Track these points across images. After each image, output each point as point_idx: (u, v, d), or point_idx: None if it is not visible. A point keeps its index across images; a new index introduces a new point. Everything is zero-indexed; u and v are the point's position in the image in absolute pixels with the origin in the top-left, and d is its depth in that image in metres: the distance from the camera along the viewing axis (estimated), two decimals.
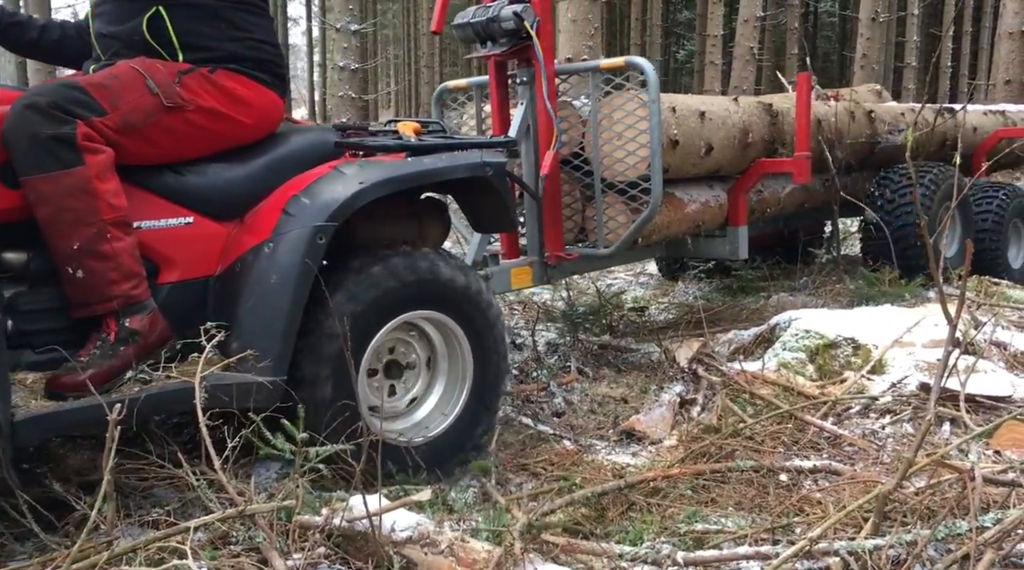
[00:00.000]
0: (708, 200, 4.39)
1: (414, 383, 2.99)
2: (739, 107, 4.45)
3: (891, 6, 22.49)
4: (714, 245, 4.64)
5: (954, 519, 2.24)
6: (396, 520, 2.20)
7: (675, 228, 4.22)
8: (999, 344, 3.91)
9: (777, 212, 5.05)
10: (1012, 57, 12.68)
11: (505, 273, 3.81)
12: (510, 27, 3.65)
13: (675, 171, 4.06)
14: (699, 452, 3.06)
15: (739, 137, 4.35)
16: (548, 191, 3.83)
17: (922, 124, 5.77)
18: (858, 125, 5.30)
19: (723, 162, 4.34)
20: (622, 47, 29.71)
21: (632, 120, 3.79)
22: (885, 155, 5.56)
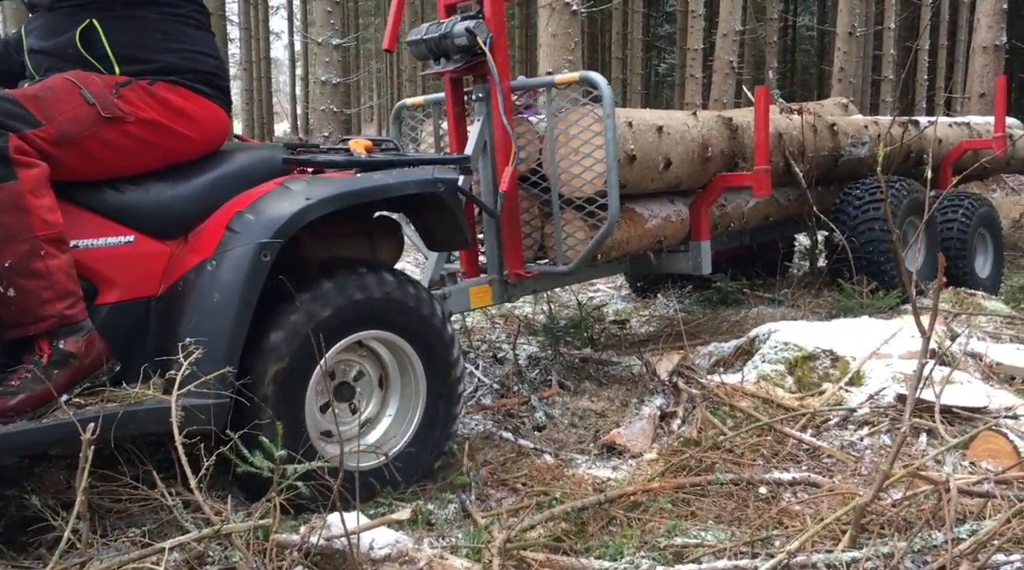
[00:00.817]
0: (669, 215, 4.36)
1: (365, 406, 2.94)
2: (698, 121, 4.41)
3: (868, 20, 22.80)
4: (677, 260, 4.61)
5: (930, 531, 2.26)
6: (375, 538, 2.19)
7: (636, 244, 4.18)
8: (974, 355, 3.94)
9: (741, 226, 5.03)
10: (986, 70, 12.86)
11: (463, 292, 3.76)
12: (463, 43, 3.63)
13: (633, 186, 4.04)
14: (679, 465, 3.06)
15: (698, 151, 4.31)
16: (506, 208, 3.78)
17: (887, 137, 5.78)
18: (821, 138, 5.27)
19: (683, 177, 4.31)
20: (603, 61, 29.87)
21: (588, 135, 3.75)
22: (849, 168, 5.56)
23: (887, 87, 21.93)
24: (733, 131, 4.61)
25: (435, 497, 2.91)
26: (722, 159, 4.49)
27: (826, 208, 5.41)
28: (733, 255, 6.13)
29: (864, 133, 5.62)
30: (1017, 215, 9.00)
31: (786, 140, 4.91)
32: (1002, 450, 2.93)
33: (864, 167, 5.59)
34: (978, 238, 6.05)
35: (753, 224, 5.11)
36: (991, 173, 7.83)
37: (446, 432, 3.01)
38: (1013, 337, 4.46)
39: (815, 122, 5.27)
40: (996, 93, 6.66)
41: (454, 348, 2.99)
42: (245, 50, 30.12)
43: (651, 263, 4.60)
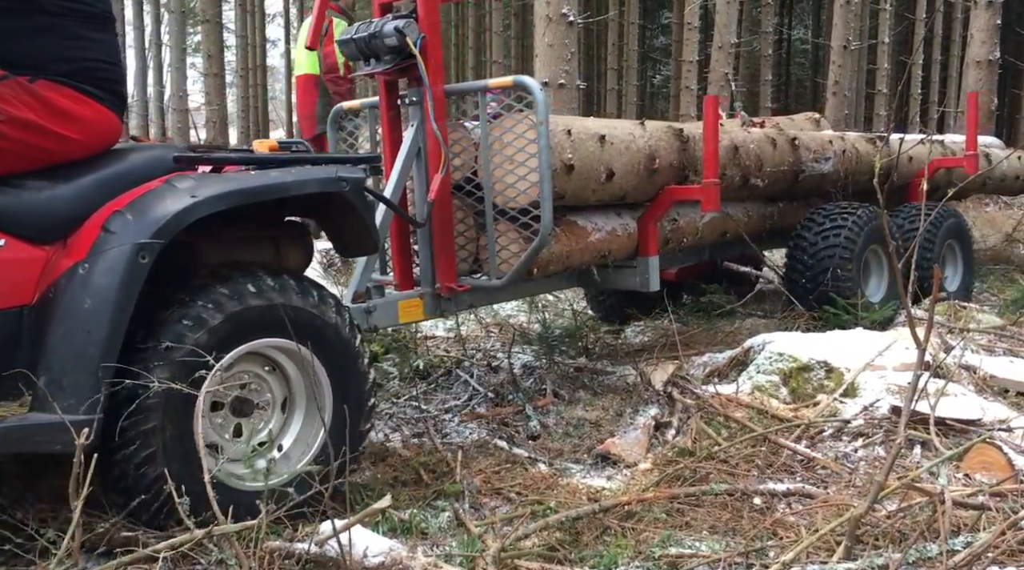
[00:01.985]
0: (615, 228, 4.15)
1: (267, 423, 2.75)
2: (645, 131, 4.19)
3: (862, 34, 22.95)
4: (624, 276, 4.39)
5: (925, 542, 2.26)
6: (368, 545, 2.18)
7: (578, 257, 3.97)
8: (969, 367, 3.95)
9: (696, 242, 4.79)
10: (979, 85, 12.92)
11: (392, 305, 3.57)
12: (392, 44, 3.47)
13: (573, 197, 3.85)
14: (673, 475, 3.06)
15: (645, 163, 4.09)
16: (438, 218, 3.62)
17: (851, 154, 5.59)
18: (780, 153, 5.02)
19: (628, 189, 4.08)
20: (599, 72, 29.99)
21: (522, 143, 3.57)
22: (812, 184, 5.37)
23: (881, 101, 22.05)
24: (684, 142, 4.38)
25: (429, 505, 2.90)
26: (671, 171, 4.28)
27: (791, 225, 5.29)
28: (699, 272, 5.94)
29: (828, 148, 5.40)
30: (1010, 229, 9.04)
31: (742, 153, 4.67)
32: (996, 462, 2.93)
33: (828, 183, 5.42)
34: (947, 250, 5.93)
35: (709, 240, 4.89)
36: (965, 195, 7.52)
37: (354, 448, 2.78)
38: (1007, 350, 4.47)
39: (775, 136, 5.06)
40: (968, 109, 6.38)
41: (362, 360, 2.84)
42: (241, 58, 30.13)
43: (595, 279, 4.39)
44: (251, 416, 2.70)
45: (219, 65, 21.03)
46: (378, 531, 2.52)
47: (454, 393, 4.31)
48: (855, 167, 5.60)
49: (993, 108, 13.25)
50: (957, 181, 6.23)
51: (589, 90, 28.36)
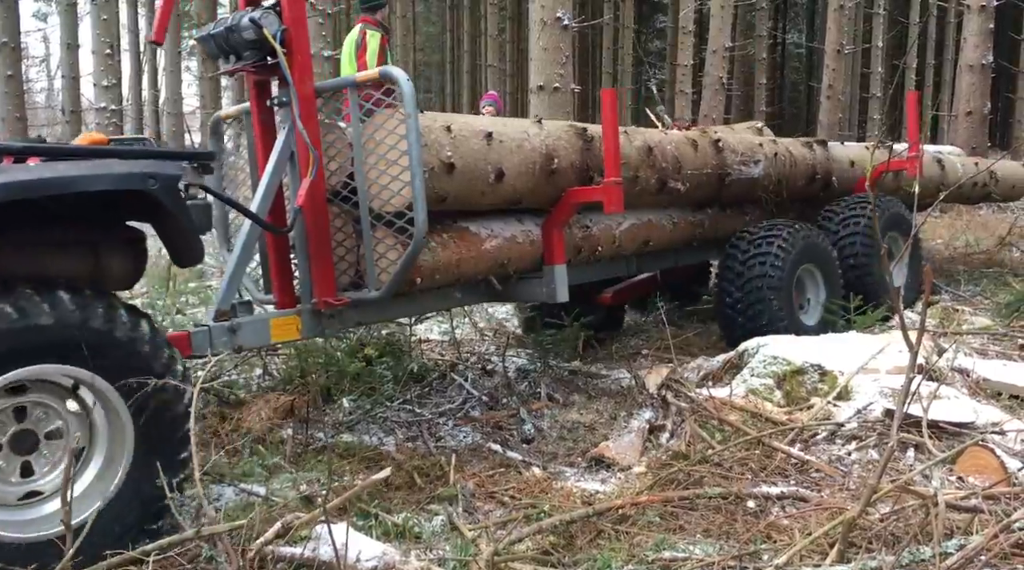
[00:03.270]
0: (515, 235, 3.83)
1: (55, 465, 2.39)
2: (543, 130, 3.87)
3: (856, 38, 23.03)
4: (531, 287, 4.04)
5: (918, 545, 2.26)
6: (362, 550, 2.18)
7: (470, 267, 3.62)
8: (962, 371, 3.96)
9: (614, 251, 4.41)
10: (973, 89, 12.99)
11: (262, 324, 3.21)
12: (251, 37, 3.17)
13: (459, 200, 3.53)
14: (668, 479, 3.06)
15: (541, 163, 3.76)
16: (313, 226, 3.30)
17: (784, 158, 5.27)
18: (702, 155, 4.68)
19: (523, 191, 3.76)
20: (594, 76, 30.03)
21: (394, 140, 3.27)
22: (740, 189, 5.02)
23: (875, 104, 22.12)
24: (588, 142, 4.04)
25: (423, 509, 2.89)
26: (573, 172, 3.94)
27: (725, 233, 5.05)
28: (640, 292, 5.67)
29: (757, 152, 5.06)
30: (1003, 233, 9.07)
31: (658, 154, 4.33)
32: (989, 465, 2.94)
33: (760, 188, 5.11)
34: (888, 243, 5.66)
35: (630, 248, 4.51)
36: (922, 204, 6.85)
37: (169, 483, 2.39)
38: (999, 353, 4.48)
39: (697, 137, 4.77)
40: (908, 109, 6.05)
41: (181, 402, 2.49)
42: None
43: (494, 290, 4.00)
44: (41, 453, 2.36)
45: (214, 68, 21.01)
46: (372, 535, 2.51)
47: (448, 396, 4.30)
48: (790, 171, 5.31)
49: (986, 112, 13.30)
50: (908, 188, 6.16)
51: (584, 94, 28.39)
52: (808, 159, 5.46)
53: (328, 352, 4.41)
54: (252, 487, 2.97)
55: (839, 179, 5.71)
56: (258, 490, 2.94)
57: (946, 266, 7.55)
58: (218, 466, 3.10)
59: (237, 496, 2.92)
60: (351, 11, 26.60)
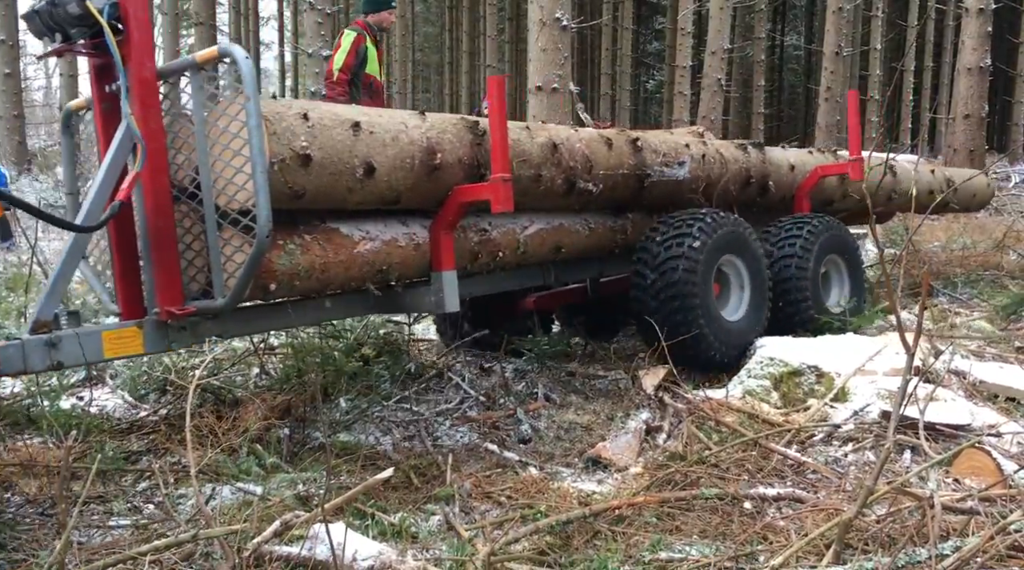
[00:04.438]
0: (396, 238, 3.49)
1: None
2: (425, 122, 3.52)
3: (854, 41, 23.06)
4: (419, 296, 3.68)
5: (914, 547, 2.26)
6: (358, 549, 2.18)
7: (339, 273, 3.28)
8: (958, 373, 3.97)
9: (519, 257, 4.03)
10: (970, 92, 13.02)
11: (91, 338, 2.88)
12: (75, 12, 2.85)
13: (320, 197, 3.18)
14: (664, 480, 3.06)
15: (421, 158, 3.41)
16: (154, 227, 2.97)
17: (714, 160, 4.90)
18: (618, 154, 4.31)
19: (401, 189, 3.41)
20: (593, 77, 30.06)
21: (237, 128, 2.95)
22: (663, 191, 4.63)
23: (873, 107, 22.16)
24: (479, 136, 3.67)
25: (419, 509, 2.89)
26: (462, 169, 3.58)
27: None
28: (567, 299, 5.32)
29: (683, 153, 4.71)
30: (1000, 235, 9.09)
31: (564, 152, 3.98)
32: (985, 467, 2.94)
33: (687, 191, 4.74)
34: (831, 266, 5.25)
35: (539, 255, 4.13)
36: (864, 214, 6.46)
37: None
38: (996, 356, 4.49)
39: (612, 135, 4.39)
40: (848, 110, 5.67)
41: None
42: None
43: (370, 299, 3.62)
44: None
45: None
46: (368, 535, 2.51)
47: (445, 396, 4.30)
48: (721, 174, 4.94)
49: (984, 115, 13.34)
50: (856, 195, 5.95)
51: (583, 95, 28.41)
52: (742, 162, 5.10)
53: (325, 351, 4.41)
54: (249, 486, 2.97)
55: (777, 183, 5.39)
56: (255, 489, 2.93)
57: (943, 269, 7.57)
58: (215, 465, 3.10)
59: (234, 495, 2.92)
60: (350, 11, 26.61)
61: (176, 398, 4.08)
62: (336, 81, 6.49)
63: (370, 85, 6.60)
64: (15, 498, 2.82)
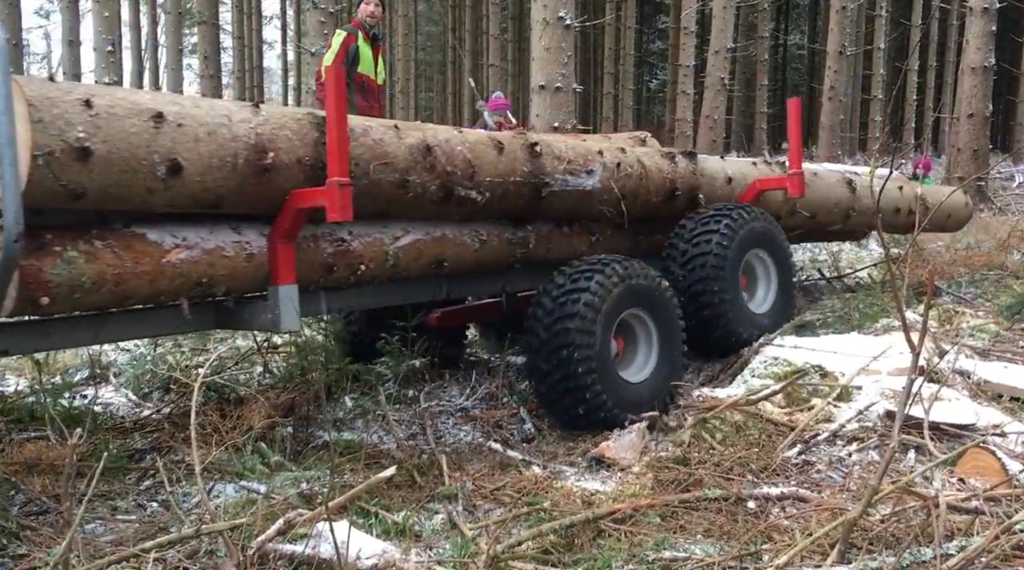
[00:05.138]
0: (223, 247, 3.04)
1: None
2: (257, 116, 3.06)
3: (858, 40, 23.05)
4: (255, 312, 3.26)
5: (919, 547, 2.26)
6: (362, 547, 2.18)
7: (142, 285, 2.85)
8: (963, 372, 3.96)
9: (389, 271, 3.55)
10: (975, 91, 13.00)
11: None
12: None
13: (108, 198, 2.74)
14: (668, 479, 3.06)
15: (247, 156, 2.95)
16: None
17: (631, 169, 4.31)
18: (510, 160, 3.78)
19: (221, 191, 2.94)
20: (596, 76, 30.05)
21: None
22: (564, 202, 4.07)
23: (876, 106, 22.14)
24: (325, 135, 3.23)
25: (423, 508, 2.89)
26: (301, 171, 3.13)
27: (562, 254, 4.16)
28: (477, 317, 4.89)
29: (593, 161, 4.16)
30: (1004, 235, 9.08)
31: (440, 156, 3.51)
32: (990, 467, 2.94)
33: (598, 203, 4.19)
34: (756, 262, 4.76)
35: (415, 268, 3.64)
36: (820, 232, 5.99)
37: None
38: (1001, 355, 4.48)
39: (505, 139, 3.87)
40: (789, 119, 5.15)
41: None
42: (238, 59, 30.13)
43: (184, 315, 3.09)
44: None
45: (215, 66, 21.05)
46: (372, 533, 2.51)
47: (449, 395, 4.31)
48: (640, 185, 4.39)
49: (988, 115, 13.32)
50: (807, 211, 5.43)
51: (586, 94, 28.43)
52: (666, 172, 4.57)
53: (329, 349, 4.42)
54: (253, 484, 2.97)
55: (709, 197, 4.86)
56: (259, 487, 2.94)
57: (947, 268, 7.55)
58: (219, 463, 3.10)
59: (238, 493, 2.92)
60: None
61: (180, 396, 4.09)
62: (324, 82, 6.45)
63: (362, 84, 6.51)
64: (20, 496, 2.83)
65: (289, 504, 2.67)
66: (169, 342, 4.88)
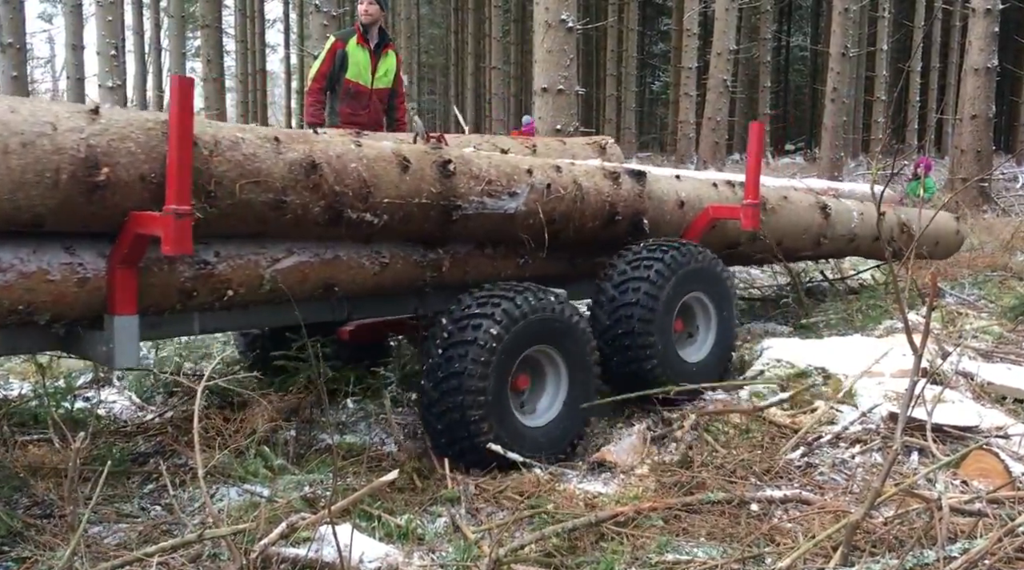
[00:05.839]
0: (47, 270, 2.67)
1: None
2: (93, 124, 2.64)
3: (861, 41, 23.04)
4: (92, 342, 2.89)
5: (922, 549, 2.26)
6: (365, 551, 2.18)
7: None
8: (966, 374, 3.95)
9: (263, 296, 3.17)
10: (978, 93, 12.98)
11: None
12: None
13: None
14: (671, 482, 3.05)
15: (73, 172, 2.57)
16: None
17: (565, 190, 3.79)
18: (414, 179, 3.34)
19: (39, 209, 2.56)
20: (598, 78, 30.07)
21: None
22: (482, 226, 3.62)
23: (879, 108, 22.12)
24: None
25: (425, 511, 2.89)
26: (146, 190, 2.71)
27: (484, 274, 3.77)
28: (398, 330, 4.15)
29: (518, 180, 3.67)
30: (1008, 236, 9.07)
31: (328, 173, 3.10)
32: (993, 469, 2.93)
33: (520, 227, 3.71)
34: (693, 304, 4.12)
35: (301, 292, 3.25)
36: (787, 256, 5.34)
37: None
38: (1004, 357, 4.48)
39: (414, 155, 3.40)
40: (750, 142, 4.43)
41: None
42: (241, 62, 30.20)
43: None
44: None
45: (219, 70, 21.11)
46: (374, 536, 2.52)
47: None
48: (573, 209, 3.86)
49: (991, 116, 13.30)
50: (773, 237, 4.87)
51: (588, 96, 28.45)
52: (606, 194, 4.00)
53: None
54: (256, 488, 2.98)
55: (656, 222, 4.27)
56: (262, 491, 2.94)
57: (950, 270, 7.54)
58: (222, 466, 3.10)
59: (241, 496, 2.92)
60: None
61: (183, 400, 4.09)
62: (308, 90, 6.34)
63: (349, 91, 6.23)
64: (23, 500, 2.84)
65: (292, 507, 2.67)
66: (172, 345, 4.89)
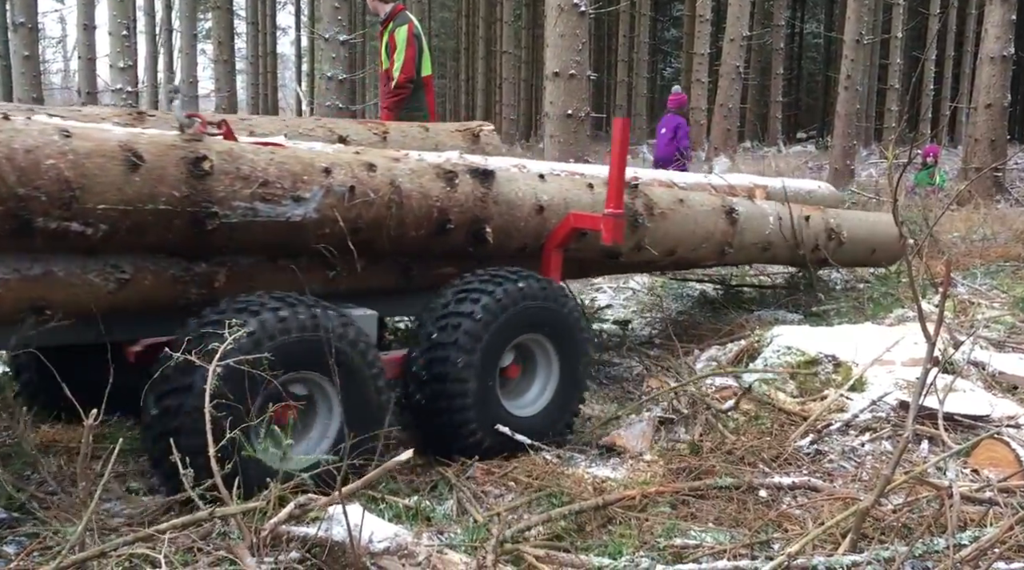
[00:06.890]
0: None
1: None
2: None
3: (875, 29, 22.82)
4: None
5: (932, 537, 2.26)
6: (374, 531, 2.19)
7: None
8: (977, 364, 3.94)
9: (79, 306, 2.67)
10: (993, 81, 12.85)
11: None
12: None
13: None
14: (679, 468, 3.06)
15: None
16: None
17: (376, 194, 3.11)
18: (147, 180, 2.64)
19: None
20: (609, 63, 29.92)
21: None
22: (255, 237, 2.95)
23: (893, 96, 21.94)
24: None
25: (434, 493, 2.90)
26: None
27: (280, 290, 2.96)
28: None
29: (311, 183, 2.99)
30: (1021, 227, 9.00)
31: (7, 172, 2.38)
32: (1004, 458, 2.92)
33: (312, 238, 3.04)
34: (536, 349, 3.42)
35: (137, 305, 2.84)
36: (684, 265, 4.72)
37: None
38: (1016, 347, 4.45)
39: (155, 150, 2.68)
40: (613, 140, 3.64)
41: None
42: (252, 45, 30.16)
43: None
44: None
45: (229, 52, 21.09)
46: (384, 517, 2.53)
47: None
48: (388, 215, 3.19)
49: (1007, 105, 13.17)
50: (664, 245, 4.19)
51: (599, 82, 28.32)
52: (435, 198, 3.32)
53: None
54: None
55: (506, 230, 3.56)
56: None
57: (963, 260, 7.50)
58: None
59: None
60: None
61: None
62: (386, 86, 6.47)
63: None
64: (35, 476, 2.86)
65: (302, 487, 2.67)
66: None
